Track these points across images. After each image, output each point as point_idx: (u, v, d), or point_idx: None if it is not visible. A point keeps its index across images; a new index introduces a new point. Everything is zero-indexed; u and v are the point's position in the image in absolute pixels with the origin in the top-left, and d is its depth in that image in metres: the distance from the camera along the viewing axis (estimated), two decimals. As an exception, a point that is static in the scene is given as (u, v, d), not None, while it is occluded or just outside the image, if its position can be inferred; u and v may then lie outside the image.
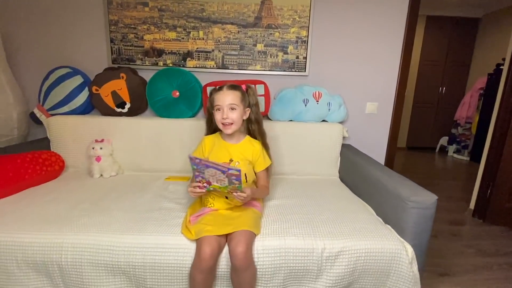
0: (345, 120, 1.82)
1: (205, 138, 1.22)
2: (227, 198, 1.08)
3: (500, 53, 3.27)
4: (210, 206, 1.07)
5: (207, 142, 1.19)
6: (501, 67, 2.04)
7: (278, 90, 1.76)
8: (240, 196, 0.97)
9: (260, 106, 1.31)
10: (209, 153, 1.16)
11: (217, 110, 1.10)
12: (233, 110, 1.09)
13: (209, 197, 1.09)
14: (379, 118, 1.89)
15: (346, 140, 1.86)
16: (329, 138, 1.68)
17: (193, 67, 1.77)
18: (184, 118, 1.72)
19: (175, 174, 1.64)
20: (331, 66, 1.82)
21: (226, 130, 1.11)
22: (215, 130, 1.23)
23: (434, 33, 4.09)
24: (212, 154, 1.14)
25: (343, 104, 1.76)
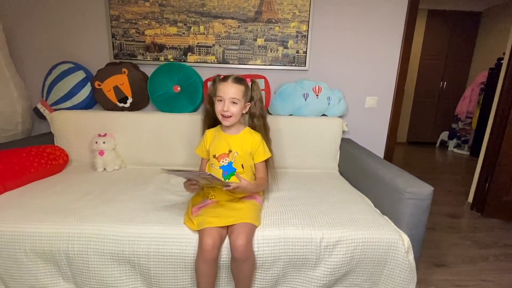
0: (344, 114, 1.84)
1: (206, 131, 1.23)
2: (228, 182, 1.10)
3: (501, 47, 3.26)
4: (212, 198, 1.10)
5: (208, 135, 1.21)
6: (502, 62, 2.05)
7: (279, 85, 1.77)
8: (228, 187, 0.99)
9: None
10: (210, 145, 1.18)
11: (218, 101, 1.11)
12: (234, 104, 1.09)
13: (210, 189, 1.11)
14: (379, 112, 1.91)
15: (346, 134, 1.88)
16: (328, 132, 1.70)
17: (194, 62, 1.79)
18: (185, 112, 1.74)
19: (177, 167, 1.66)
20: (331, 60, 1.83)
21: (225, 122, 1.12)
22: (211, 125, 1.25)
23: (435, 27, 4.07)
24: (212, 146, 1.16)
25: (343, 98, 1.77)
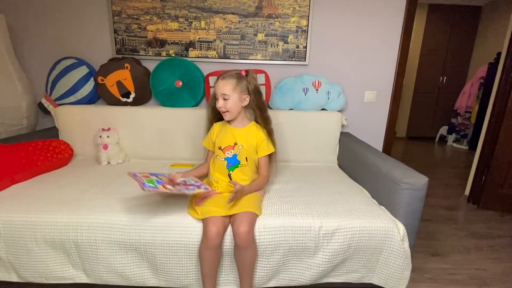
0: (344, 108, 1.86)
1: (214, 124, 1.28)
2: (231, 178, 1.15)
3: (501, 42, 3.22)
4: (215, 189, 1.14)
5: (216, 128, 1.26)
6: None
7: (279, 80, 1.80)
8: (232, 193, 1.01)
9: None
10: (216, 137, 1.22)
11: (216, 98, 1.17)
12: (226, 100, 1.14)
13: (213, 181, 1.16)
14: (378, 107, 1.93)
15: (345, 128, 1.91)
16: (328, 126, 1.73)
17: (195, 57, 1.81)
18: (187, 107, 1.77)
19: (180, 161, 1.70)
20: (331, 55, 1.85)
21: (224, 117, 1.19)
22: (215, 121, 1.28)
23: (435, 22, 4.07)
24: (218, 138, 1.21)
25: (342, 92, 1.80)
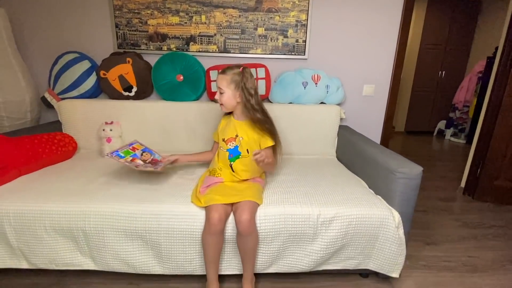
0: (342, 102, 1.89)
1: (222, 118, 1.35)
2: (233, 171, 1.20)
3: (500, 36, 3.27)
4: (218, 175, 1.20)
5: (222, 121, 1.33)
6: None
7: (279, 73, 1.82)
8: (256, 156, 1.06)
9: (258, 90, 1.23)
10: (221, 130, 1.29)
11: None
12: (221, 93, 1.17)
13: (217, 168, 1.22)
14: (376, 100, 1.96)
15: (344, 121, 1.94)
16: (327, 120, 1.76)
17: (196, 51, 1.83)
18: (188, 101, 1.79)
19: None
20: (330, 49, 1.87)
21: (221, 109, 1.24)
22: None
23: (435, 15, 4.06)
24: (223, 130, 1.28)
25: (341, 86, 1.83)
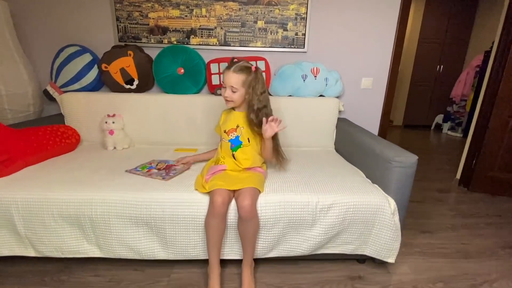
0: (341, 94, 1.92)
1: (222, 112, 1.38)
2: (235, 159, 1.25)
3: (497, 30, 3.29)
4: (221, 163, 1.25)
5: (223, 115, 1.36)
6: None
7: (278, 66, 1.84)
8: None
9: (266, 89, 1.26)
10: (223, 122, 1.32)
11: (223, 87, 1.22)
12: (234, 92, 1.19)
13: (220, 157, 1.28)
14: (374, 93, 1.99)
15: (342, 114, 1.98)
16: (326, 112, 1.79)
17: (196, 45, 1.85)
18: (189, 94, 1.82)
19: (183, 146, 1.77)
20: (329, 42, 1.89)
21: (227, 104, 1.26)
22: None
23: (434, 9, 4.07)
24: (224, 122, 1.31)
25: (340, 79, 1.85)
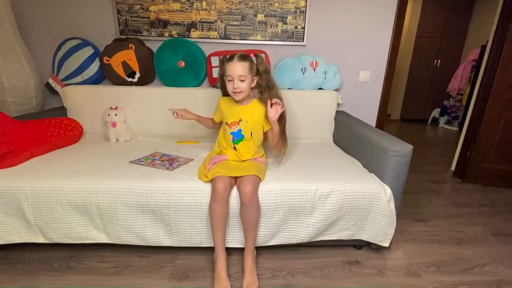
0: (340, 87, 1.96)
1: (220, 99, 1.36)
2: (236, 150, 1.28)
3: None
4: (223, 154, 1.28)
5: (223, 103, 1.35)
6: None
7: (278, 60, 1.87)
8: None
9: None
10: (225, 111, 1.32)
11: (229, 81, 1.21)
12: (242, 81, 1.19)
13: (223, 148, 1.31)
14: (372, 86, 2.03)
15: (341, 107, 2.01)
16: (324, 105, 1.83)
17: (197, 38, 1.87)
18: (190, 87, 1.84)
19: (185, 138, 1.80)
20: (328, 35, 1.92)
21: (236, 97, 1.24)
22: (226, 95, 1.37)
23: (431, 5, 4.08)
24: (226, 114, 1.31)
25: (338, 72, 1.89)
